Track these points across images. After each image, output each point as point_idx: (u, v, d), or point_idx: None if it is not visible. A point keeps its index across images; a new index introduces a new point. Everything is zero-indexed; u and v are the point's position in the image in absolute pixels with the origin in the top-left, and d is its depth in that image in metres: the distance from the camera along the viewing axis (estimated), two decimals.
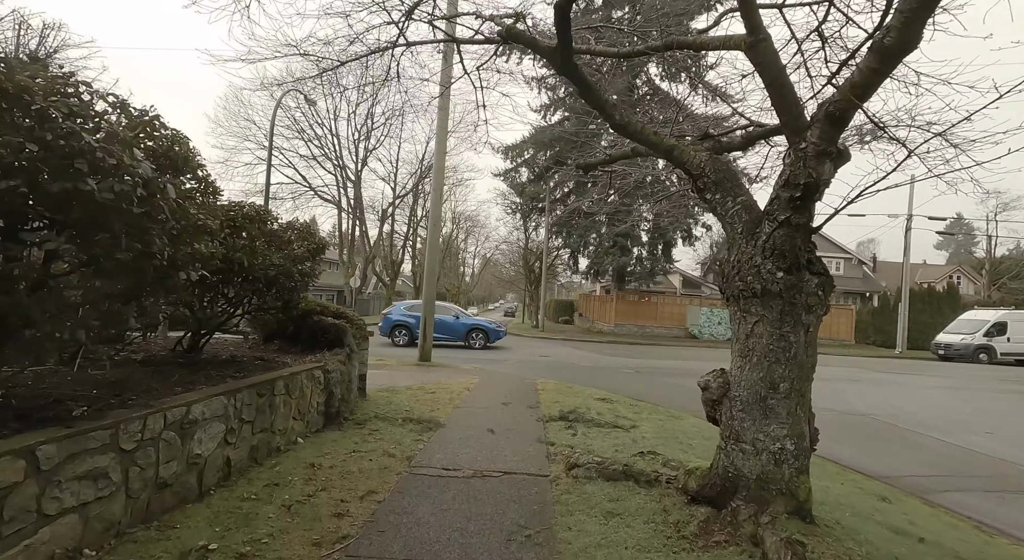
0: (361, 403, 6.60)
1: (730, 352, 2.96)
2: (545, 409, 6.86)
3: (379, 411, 6.10)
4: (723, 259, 2.93)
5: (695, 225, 28.14)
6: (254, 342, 5.74)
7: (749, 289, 2.72)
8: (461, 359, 13.47)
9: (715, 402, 2.88)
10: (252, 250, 3.97)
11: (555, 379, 10.29)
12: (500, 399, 7.55)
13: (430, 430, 5.32)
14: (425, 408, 6.54)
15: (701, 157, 3.07)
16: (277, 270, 4.17)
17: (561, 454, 4.62)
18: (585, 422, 6.02)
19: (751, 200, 2.91)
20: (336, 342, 5.60)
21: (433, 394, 7.68)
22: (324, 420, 5.04)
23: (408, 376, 9.57)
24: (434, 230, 11.98)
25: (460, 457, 4.41)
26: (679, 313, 28.01)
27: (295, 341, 5.63)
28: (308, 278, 4.72)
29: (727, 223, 2.92)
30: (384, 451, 4.37)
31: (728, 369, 2.92)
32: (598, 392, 8.76)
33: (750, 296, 2.75)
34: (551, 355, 16.39)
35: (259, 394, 3.76)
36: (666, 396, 9.22)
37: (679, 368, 14.09)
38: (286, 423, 4.21)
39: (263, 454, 3.85)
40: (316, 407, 4.82)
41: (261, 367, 4.43)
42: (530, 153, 29.77)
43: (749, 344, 2.76)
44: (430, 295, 12.00)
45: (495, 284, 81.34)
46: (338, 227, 34.74)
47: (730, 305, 2.95)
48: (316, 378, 4.78)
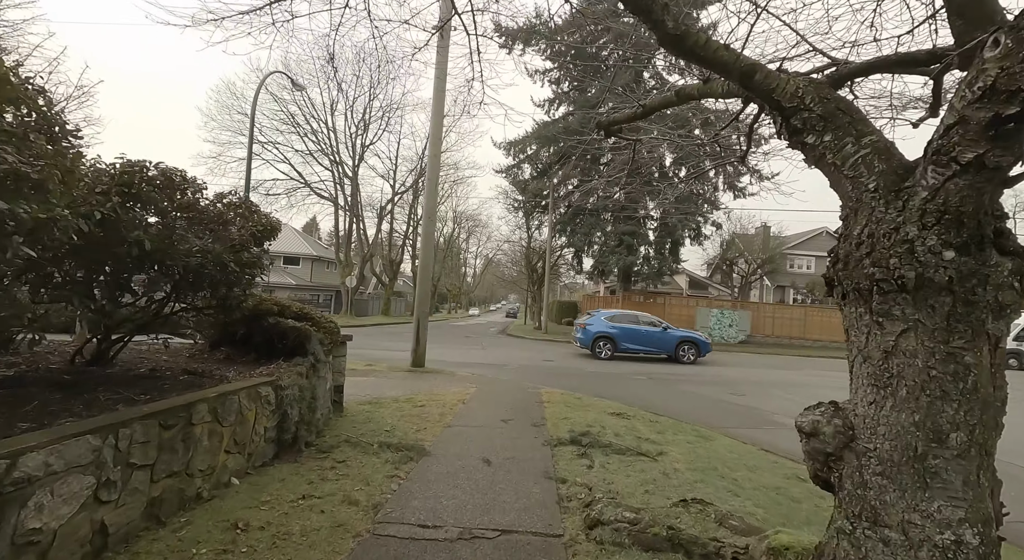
0: (335, 421, 5.57)
1: (849, 376, 1.92)
2: (552, 428, 5.82)
3: (353, 432, 5.06)
4: (844, 234, 1.88)
5: (704, 223, 27.10)
6: (198, 349, 4.71)
7: (892, 279, 1.68)
8: (458, 364, 12.42)
9: (830, 457, 1.84)
10: (165, 229, 2.94)
11: (561, 388, 9.24)
12: (500, 414, 6.51)
13: (411, 460, 4.27)
14: (410, 427, 5.51)
15: (797, 83, 2.03)
16: (202, 258, 3.13)
17: (577, 498, 3.57)
18: (602, 447, 4.98)
19: (885, 141, 1.87)
20: (297, 350, 4.56)
21: (422, 408, 6.64)
22: (276, 449, 4.00)
23: (397, 385, 8.53)
24: (428, 222, 10.93)
25: (444, 504, 3.36)
26: (688, 315, 26.89)
27: (247, 348, 4.60)
28: (253, 269, 3.68)
29: (845, 177, 1.89)
30: (345, 496, 3.32)
31: (849, 403, 1.88)
32: (611, 404, 7.71)
33: (892, 291, 1.71)
34: (555, 359, 15.33)
35: (164, 426, 2.73)
36: (686, 408, 8.16)
37: (693, 374, 13.02)
38: (213, 460, 3.17)
39: (171, 508, 2.81)
40: (263, 434, 3.78)
41: (185, 385, 3.39)
42: (533, 149, 28.74)
43: (891, 367, 1.72)
44: (424, 293, 10.96)
45: (497, 284, 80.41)
46: (335, 225, 33.77)
47: (848, 304, 1.91)
48: (263, 397, 3.74)
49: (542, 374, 11.73)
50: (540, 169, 29.26)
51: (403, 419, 5.93)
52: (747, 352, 22.10)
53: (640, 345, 15.88)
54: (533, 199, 30.33)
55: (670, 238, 26.27)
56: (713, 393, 9.96)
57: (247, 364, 4.37)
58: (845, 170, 1.91)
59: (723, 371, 14.31)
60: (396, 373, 10.00)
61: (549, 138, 27.14)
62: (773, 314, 27.18)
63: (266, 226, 3.76)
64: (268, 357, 4.51)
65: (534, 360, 14.83)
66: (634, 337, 15.86)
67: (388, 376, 9.50)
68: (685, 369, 14.23)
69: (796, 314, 26.97)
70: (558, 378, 10.96)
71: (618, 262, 25.53)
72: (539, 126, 27.76)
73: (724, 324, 26.27)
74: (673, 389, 10.34)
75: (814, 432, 1.89)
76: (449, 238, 51.68)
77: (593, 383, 10.59)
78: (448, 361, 12.88)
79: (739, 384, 11.46)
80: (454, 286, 64.73)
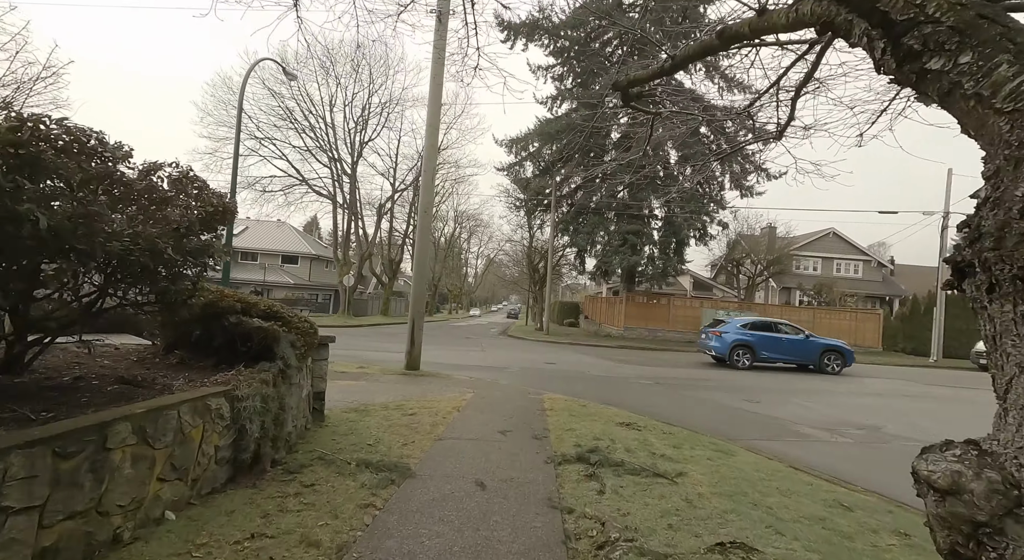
0: (313, 433, 4.97)
1: (999, 401, 1.31)
2: (556, 442, 5.20)
3: (331, 447, 4.46)
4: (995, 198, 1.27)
5: (710, 223, 26.43)
6: (151, 353, 4.11)
7: None
8: (456, 367, 11.82)
9: (981, 529, 1.24)
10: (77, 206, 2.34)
11: (564, 393, 8.63)
12: (497, 424, 5.90)
13: (392, 483, 3.66)
14: (396, 440, 4.90)
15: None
16: (131, 243, 2.53)
17: (587, 535, 2.96)
18: (613, 466, 4.36)
19: None
20: (264, 353, 3.96)
21: (412, 416, 6.04)
22: (232, 471, 3.39)
23: (389, 390, 7.93)
24: (425, 217, 10.32)
25: (426, 545, 2.75)
26: (693, 316, 26.25)
27: (207, 351, 3.99)
28: (200, 258, 3.08)
29: (997, 113, 1.29)
30: (304, 535, 2.71)
31: (999, 444, 1.28)
32: (619, 413, 7.10)
33: None
34: (557, 362, 14.71)
35: (61, 455, 2.12)
36: (700, 417, 7.54)
37: (702, 379, 12.39)
38: (139, 491, 2.57)
39: (73, 558, 2.20)
40: (213, 455, 3.17)
41: (112, 397, 2.79)
42: (535, 146, 28.13)
43: None
44: (419, 291, 10.35)
45: (498, 285, 79.81)
46: (333, 223, 33.21)
47: (996, 300, 1.30)
48: (214, 411, 3.14)
49: (544, 378, 11.11)
50: (542, 167, 28.67)
51: (390, 430, 5.32)
52: None
53: (781, 354, 15.04)
54: (535, 197, 29.75)
55: (675, 238, 25.60)
56: (726, 400, 9.33)
57: (203, 370, 3.77)
58: (998, 103, 1.30)
59: (733, 375, 13.68)
60: (389, 377, 9.39)
61: (551, 135, 26.54)
62: (780, 316, 26.46)
63: (218, 207, 3.14)
64: (231, 362, 3.91)
65: (536, 363, 14.21)
66: (774, 346, 15.06)
67: (380, 380, 8.89)
68: (693, 373, 13.60)
69: (804, 316, 26.25)
70: (562, 383, 10.34)
71: (622, 262, 24.87)
72: (541, 123, 27.17)
73: None
74: (684, 396, 9.71)
75: (955, 489, 1.27)
76: (450, 238, 51.14)
77: (598, 388, 9.97)
78: (445, 363, 12.27)
79: (751, 390, 10.82)
80: (455, 286, 64.16)
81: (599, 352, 19.32)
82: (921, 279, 44.50)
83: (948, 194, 21.76)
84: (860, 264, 38.51)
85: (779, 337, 15.24)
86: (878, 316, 26.33)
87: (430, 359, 11.80)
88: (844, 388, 12.26)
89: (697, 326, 25.82)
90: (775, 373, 14.81)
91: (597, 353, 18.82)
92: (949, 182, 21.69)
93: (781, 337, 15.24)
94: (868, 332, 24.87)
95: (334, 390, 7.39)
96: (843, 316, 26.36)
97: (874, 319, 25.92)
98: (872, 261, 39.26)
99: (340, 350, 14.21)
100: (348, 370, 9.71)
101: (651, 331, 25.99)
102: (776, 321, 16.41)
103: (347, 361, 11.11)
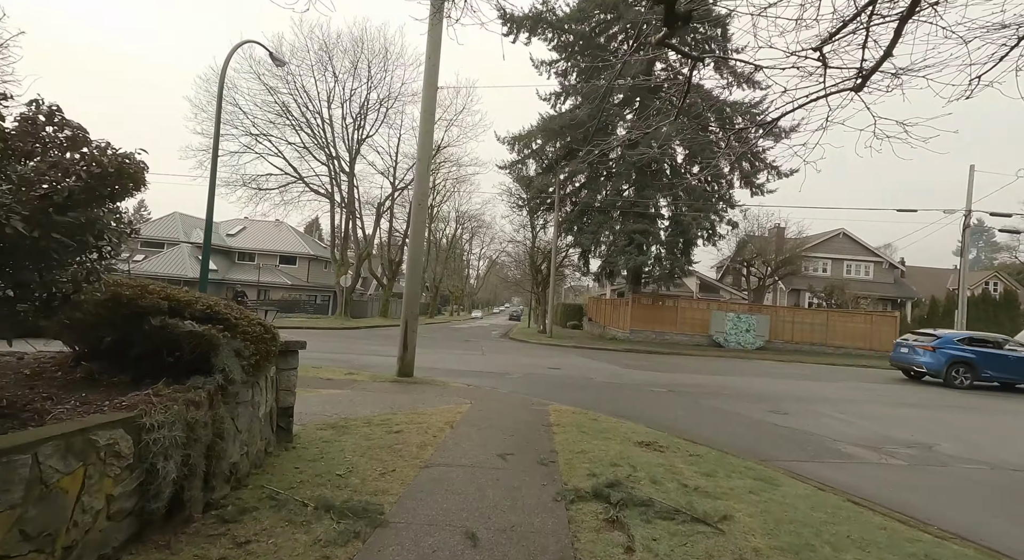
0: (275, 458, 4.12)
1: None
2: (566, 469, 4.34)
3: (289, 480, 3.61)
4: None
5: (719, 222, 25.50)
6: (55, 364, 3.26)
7: None
8: (453, 373, 10.93)
9: None
10: None
11: (572, 403, 7.76)
12: (496, 444, 5.04)
13: (355, 537, 2.79)
14: (373, 468, 4.05)
15: None
16: None
17: None
18: (639, 506, 3.48)
19: None
20: (198, 365, 3.11)
21: (398, 435, 5.18)
22: (138, 526, 2.53)
23: (376, 400, 7.07)
24: (419, 210, 9.45)
25: None
26: (702, 318, 25.32)
27: (125, 363, 3.14)
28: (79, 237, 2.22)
29: None
30: None
31: None
32: (635, 428, 6.23)
33: None
34: (562, 367, 13.83)
35: None
36: (725, 433, 6.66)
37: (719, 386, 11.49)
38: None
39: None
40: (104, 509, 2.32)
41: None
42: (538, 143, 27.26)
43: None
44: (413, 291, 9.49)
45: (501, 287, 78.86)
46: (331, 222, 32.41)
47: None
48: (105, 448, 2.28)
49: (548, 385, 10.24)
50: (546, 165, 27.83)
51: (368, 453, 4.47)
52: (767, 359, 20.51)
53: (1008, 374, 13.74)
54: (538, 196, 28.89)
55: (683, 237, 24.67)
56: (749, 411, 8.43)
57: (114, 389, 2.92)
58: None
59: (749, 382, 12.78)
60: (378, 384, 8.53)
61: (555, 132, 25.69)
62: (792, 318, 25.55)
63: (116, 167, 2.26)
64: (157, 376, 3.06)
65: (539, 368, 13.33)
66: (999, 364, 13.79)
67: (368, 388, 8.03)
68: (706, 380, 12.70)
69: (818, 319, 25.31)
70: (568, 391, 9.47)
71: (628, 262, 23.94)
72: (544, 120, 26.31)
73: (741, 329, 24.67)
74: (701, 406, 8.82)
75: None
76: (451, 239, 50.29)
77: (608, 397, 9.09)
78: (442, 369, 11.40)
79: (774, 399, 9.92)
80: (456, 288, 63.28)
81: (605, 356, 18.43)
82: (932, 281, 43.40)
83: (970, 191, 20.81)
84: (871, 265, 37.48)
85: (1004, 354, 13.98)
86: (895, 319, 25.34)
87: (426, 364, 10.95)
88: (875, 397, 11.34)
89: (706, 329, 24.88)
90: (795, 380, 13.91)
91: (603, 357, 17.93)
92: (971, 179, 20.75)
93: (1008, 354, 13.98)
94: (884, 335, 23.85)
95: (315, 401, 6.55)
96: (858, 319, 25.39)
97: (890, 322, 24.93)
98: (883, 262, 38.23)
99: (330, 354, 13.39)
100: (335, 377, 8.86)
101: (658, 334, 25.07)
102: (997, 336, 14.98)
103: (336, 366, 10.26)
